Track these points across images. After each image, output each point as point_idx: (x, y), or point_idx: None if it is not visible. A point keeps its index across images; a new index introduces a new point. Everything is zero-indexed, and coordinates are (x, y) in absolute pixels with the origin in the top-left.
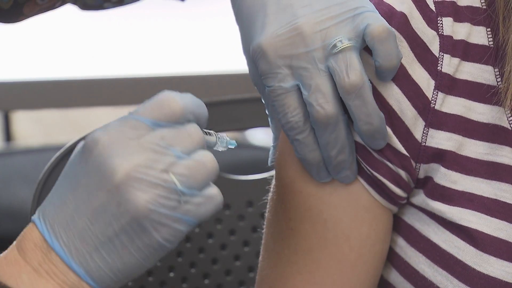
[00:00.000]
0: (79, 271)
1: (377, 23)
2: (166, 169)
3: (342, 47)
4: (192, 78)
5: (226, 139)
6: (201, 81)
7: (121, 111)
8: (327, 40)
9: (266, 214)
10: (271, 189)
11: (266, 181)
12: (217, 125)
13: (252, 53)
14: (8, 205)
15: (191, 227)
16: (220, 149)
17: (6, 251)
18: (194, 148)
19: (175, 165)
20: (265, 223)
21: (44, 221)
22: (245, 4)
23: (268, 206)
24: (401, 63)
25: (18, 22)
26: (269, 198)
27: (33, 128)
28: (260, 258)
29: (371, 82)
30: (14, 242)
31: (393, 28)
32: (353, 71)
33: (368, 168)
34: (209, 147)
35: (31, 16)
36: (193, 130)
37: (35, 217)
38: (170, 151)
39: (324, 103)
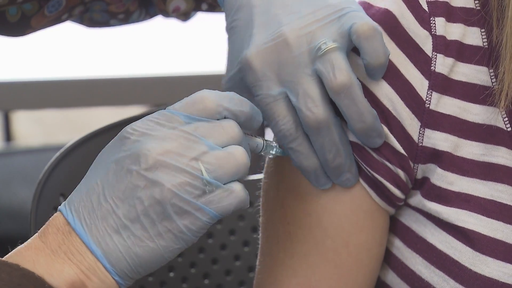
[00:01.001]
0: (97, 252)
1: (362, 21)
2: (196, 157)
3: (326, 49)
4: (193, 78)
5: (274, 145)
6: (201, 81)
7: (121, 111)
8: (312, 43)
9: (260, 219)
10: (261, 194)
11: None
12: None
13: (240, 66)
14: (8, 205)
15: (213, 220)
16: (269, 155)
17: (30, 240)
18: (228, 142)
19: (205, 155)
20: (260, 227)
21: (70, 207)
22: (237, 16)
23: (261, 210)
24: (393, 63)
25: (24, 36)
26: (260, 203)
27: (33, 128)
28: (257, 262)
29: (363, 83)
30: (37, 233)
31: (379, 26)
32: (339, 71)
33: (368, 169)
34: (253, 149)
35: (38, 30)
36: (228, 125)
37: (61, 206)
38: (202, 141)
39: (313, 107)
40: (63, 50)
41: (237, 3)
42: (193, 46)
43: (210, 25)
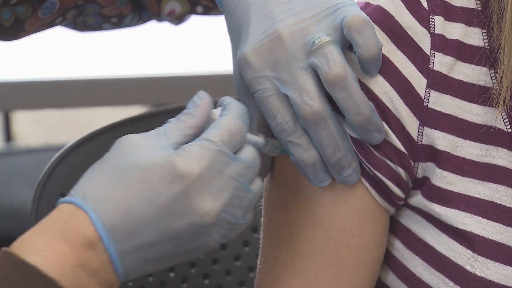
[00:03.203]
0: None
1: (352, 14)
2: (248, 208)
3: (320, 43)
4: (192, 78)
5: (277, 144)
6: (201, 81)
7: (121, 111)
8: (307, 38)
9: (262, 219)
10: (264, 194)
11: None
12: None
13: (238, 64)
14: (8, 205)
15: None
16: (271, 153)
17: (38, 227)
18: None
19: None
20: (261, 228)
21: (101, 216)
22: (235, 15)
23: (263, 210)
24: (391, 60)
25: (18, 39)
26: (263, 203)
27: (33, 128)
28: (258, 262)
29: (361, 81)
30: (48, 219)
31: (370, 20)
32: (333, 63)
33: (370, 167)
34: (257, 148)
35: (32, 33)
36: (256, 164)
37: (87, 208)
38: (247, 188)
39: (309, 100)
40: (63, 50)
41: (234, 2)
42: (193, 46)
43: (210, 25)
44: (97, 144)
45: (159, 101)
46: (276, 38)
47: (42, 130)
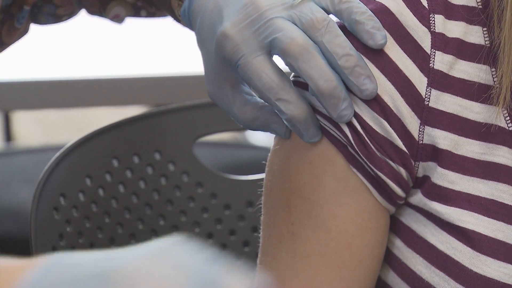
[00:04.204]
0: None
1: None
2: None
3: (301, 1)
4: (192, 78)
5: None
6: (201, 81)
7: (121, 111)
8: (285, 2)
9: (262, 217)
10: (263, 193)
11: None
12: (218, 125)
13: (217, 43)
14: (8, 205)
15: None
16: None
17: None
18: None
19: None
20: (261, 227)
21: None
22: (206, 15)
23: (263, 209)
24: (392, 59)
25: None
26: (263, 202)
27: (33, 128)
28: (258, 261)
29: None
30: None
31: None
32: (317, 12)
33: (372, 167)
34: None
35: (11, 44)
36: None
37: None
38: None
39: (292, 34)
40: (63, 50)
41: (202, 10)
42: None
43: None
44: (97, 144)
45: (159, 101)
46: (252, 8)
47: (42, 130)
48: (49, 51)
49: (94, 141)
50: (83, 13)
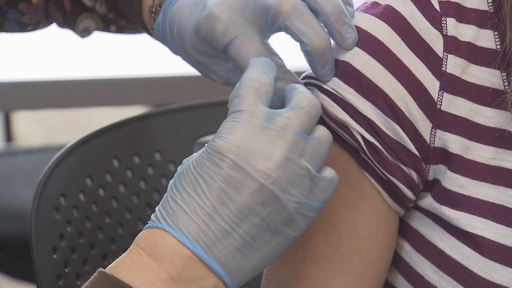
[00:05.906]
0: (221, 273)
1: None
2: (300, 155)
3: None
4: (192, 78)
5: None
6: (201, 81)
7: (121, 111)
8: None
9: None
10: None
11: None
12: (218, 125)
13: (206, 24)
14: (9, 205)
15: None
16: None
17: (128, 253)
18: (313, 125)
19: (305, 149)
20: None
21: (179, 228)
22: (183, 16)
23: None
24: (404, 63)
25: None
26: None
27: (33, 128)
28: None
29: (376, 84)
30: (134, 246)
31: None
32: None
33: (385, 172)
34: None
35: None
36: (311, 106)
37: (165, 227)
38: (296, 135)
39: None
40: (63, 50)
41: (178, 14)
42: None
43: None
44: (97, 144)
45: (159, 101)
46: None
47: (42, 130)
48: (49, 51)
49: (94, 141)
50: (53, 26)
